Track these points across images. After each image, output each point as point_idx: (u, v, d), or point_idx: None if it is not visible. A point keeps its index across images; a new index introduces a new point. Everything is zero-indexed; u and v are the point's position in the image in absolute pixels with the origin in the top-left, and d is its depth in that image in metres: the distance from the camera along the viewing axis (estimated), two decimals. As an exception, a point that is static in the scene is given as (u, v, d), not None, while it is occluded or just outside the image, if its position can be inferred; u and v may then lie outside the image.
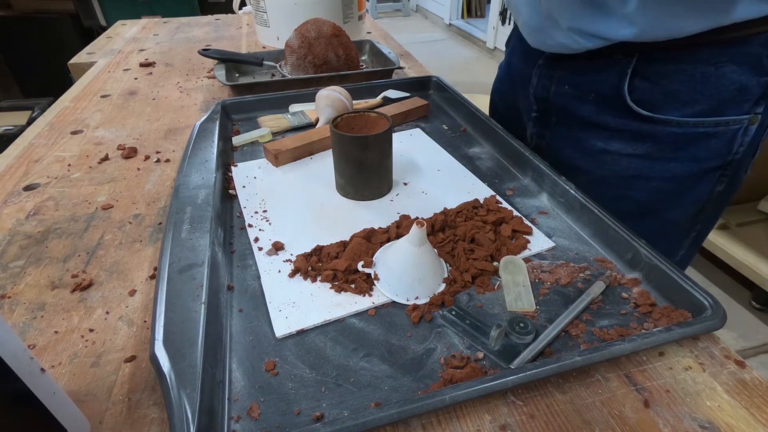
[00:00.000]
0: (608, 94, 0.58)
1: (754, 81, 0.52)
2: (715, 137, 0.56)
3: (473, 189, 0.57)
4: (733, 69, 0.52)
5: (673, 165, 0.58)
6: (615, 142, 0.60)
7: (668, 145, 0.57)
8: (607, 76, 0.58)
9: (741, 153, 0.57)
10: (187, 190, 0.51)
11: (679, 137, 0.56)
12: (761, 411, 0.32)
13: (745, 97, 0.53)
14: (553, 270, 0.44)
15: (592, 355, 0.33)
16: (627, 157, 0.60)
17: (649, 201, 0.60)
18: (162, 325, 0.35)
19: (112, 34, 1.25)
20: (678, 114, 0.55)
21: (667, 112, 0.56)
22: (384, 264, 0.43)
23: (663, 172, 0.59)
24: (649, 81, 0.55)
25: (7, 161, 0.64)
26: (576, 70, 0.61)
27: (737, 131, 0.55)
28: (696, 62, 0.53)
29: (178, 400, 0.30)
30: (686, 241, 0.66)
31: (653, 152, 0.58)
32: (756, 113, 0.54)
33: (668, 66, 0.54)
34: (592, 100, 0.60)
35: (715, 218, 0.66)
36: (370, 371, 0.35)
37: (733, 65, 0.52)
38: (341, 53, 0.89)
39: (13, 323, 0.40)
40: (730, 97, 0.53)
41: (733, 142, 0.56)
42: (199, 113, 0.79)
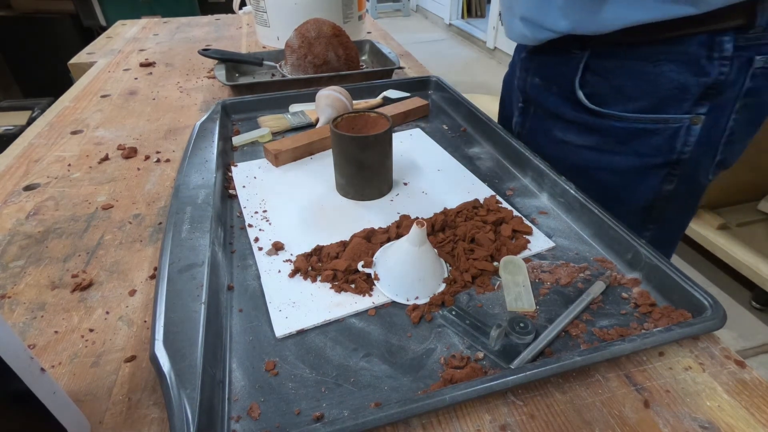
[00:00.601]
0: (566, 87, 0.61)
1: (693, 81, 0.53)
2: (655, 134, 0.57)
3: (473, 189, 0.57)
4: (671, 68, 0.54)
5: (617, 158, 0.61)
6: (571, 133, 0.64)
7: (613, 138, 0.60)
8: (565, 70, 0.61)
9: (688, 153, 0.58)
10: (187, 190, 0.51)
11: (622, 131, 0.59)
12: (761, 411, 0.32)
13: (684, 96, 0.55)
14: (553, 270, 0.44)
15: (592, 355, 0.33)
16: (580, 148, 0.63)
17: (600, 192, 0.62)
18: (162, 325, 0.35)
19: (112, 34, 1.25)
20: (621, 109, 0.58)
21: (612, 106, 0.58)
22: (384, 264, 0.43)
23: (609, 165, 0.62)
24: (599, 76, 0.58)
25: (7, 161, 0.64)
26: (544, 64, 0.65)
27: (678, 130, 0.56)
28: (637, 59, 0.55)
29: (178, 400, 0.30)
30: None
31: (601, 144, 0.61)
32: (698, 114, 0.55)
33: (614, 62, 0.57)
34: (555, 93, 0.64)
35: (676, 222, 0.68)
36: (370, 371, 0.35)
37: (671, 64, 0.54)
38: (341, 53, 0.89)
39: (13, 323, 0.40)
40: (670, 96, 0.55)
41: (675, 141, 0.57)
42: (199, 113, 0.79)
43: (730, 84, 0.54)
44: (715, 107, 0.55)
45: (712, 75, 0.53)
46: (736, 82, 0.54)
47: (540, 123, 0.69)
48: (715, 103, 0.55)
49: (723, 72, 0.53)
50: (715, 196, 1.56)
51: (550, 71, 0.64)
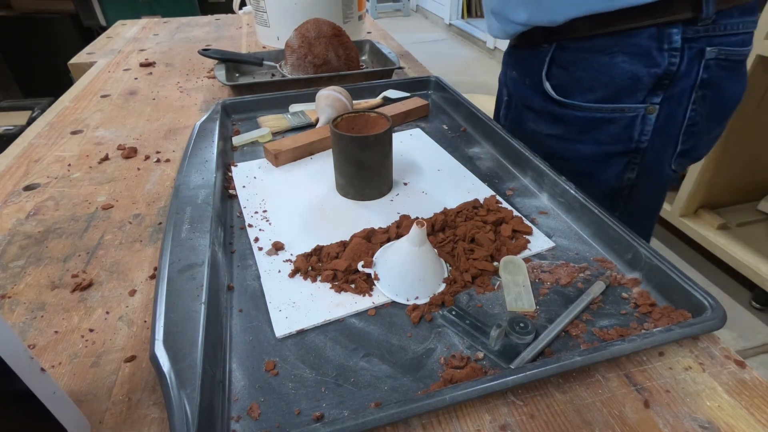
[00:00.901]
0: (536, 80, 0.65)
1: (645, 72, 0.56)
2: (613, 123, 0.61)
3: (473, 189, 0.57)
4: (624, 59, 0.57)
5: (579, 146, 0.65)
6: (540, 123, 0.68)
7: (575, 127, 0.64)
8: (534, 63, 0.65)
9: (646, 142, 0.61)
10: (187, 190, 0.51)
11: (583, 121, 0.62)
12: (761, 411, 0.32)
13: (638, 87, 0.58)
14: (553, 270, 0.44)
15: (592, 355, 0.33)
16: (548, 137, 0.67)
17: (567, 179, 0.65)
18: (162, 325, 0.35)
19: (112, 34, 1.25)
20: (582, 99, 0.61)
21: (574, 97, 0.62)
22: (384, 264, 0.43)
23: (573, 153, 0.66)
24: (563, 68, 0.62)
25: (7, 161, 0.64)
26: (518, 58, 0.70)
27: (634, 119, 0.60)
28: (593, 51, 0.58)
29: (178, 400, 0.30)
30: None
31: (565, 134, 0.65)
32: (653, 103, 0.58)
33: (575, 54, 0.60)
34: (528, 85, 0.68)
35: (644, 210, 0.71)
36: (370, 371, 0.35)
37: (625, 56, 0.57)
38: (341, 53, 0.89)
39: (13, 323, 0.40)
40: (625, 86, 0.58)
41: (632, 130, 0.60)
42: (199, 113, 0.79)
43: (683, 75, 0.57)
44: (670, 97, 0.58)
45: (662, 66, 0.56)
46: (688, 73, 0.57)
47: (518, 115, 0.73)
48: (669, 93, 0.58)
49: (673, 63, 0.55)
50: (715, 196, 1.56)
51: (523, 65, 0.68)
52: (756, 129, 1.41)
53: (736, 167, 1.50)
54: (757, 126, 1.41)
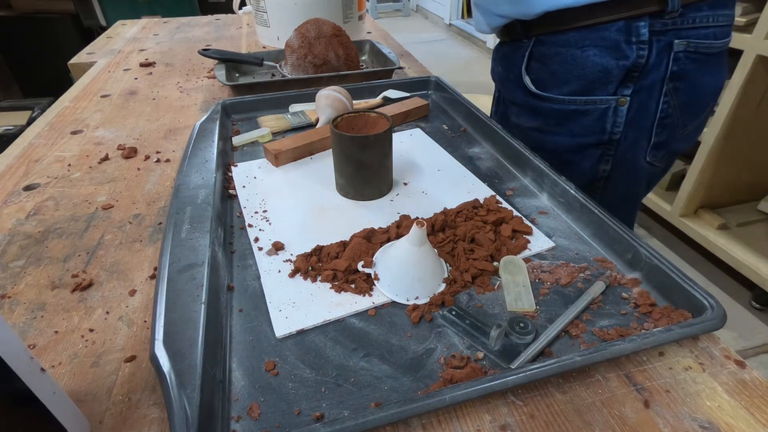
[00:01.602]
0: (517, 74, 0.68)
1: (614, 64, 0.58)
2: (586, 115, 0.63)
3: (473, 189, 0.57)
4: (595, 52, 0.59)
5: (556, 138, 0.67)
6: (522, 116, 0.71)
7: (552, 119, 0.66)
8: (516, 58, 0.67)
9: (619, 134, 0.63)
10: (187, 190, 0.51)
11: (559, 113, 0.65)
12: (761, 411, 0.32)
13: (608, 79, 0.59)
14: (553, 270, 0.44)
15: (592, 355, 0.33)
16: (529, 129, 0.70)
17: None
18: (162, 325, 0.35)
19: (112, 34, 1.25)
20: (557, 92, 0.64)
21: (550, 90, 0.64)
22: (384, 264, 0.43)
23: (550, 144, 0.68)
24: (540, 62, 0.64)
25: (7, 161, 0.64)
26: (504, 54, 0.72)
27: (606, 111, 0.61)
28: (567, 45, 0.60)
29: (178, 400, 0.30)
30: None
31: (543, 126, 0.68)
32: (623, 95, 0.60)
33: (551, 49, 0.62)
34: (511, 80, 0.70)
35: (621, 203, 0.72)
36: (370, 371, 0.35)
37: (595, 49, 0.58)
38: (341, 53, 0.89)
39: (13, 323, 0.40)
40: (596, 78, 0.60)
41: (604, 121, 0.62)
42: (199, 113, 0.79)
43: (653, 67, 0.58)
44: (641, 89, 0.60)
45: (631, 58, 0.57)
46: (658, 66, 0.58)
47: (505, 109, 0.76)
48: (640, 85, 0.60)
49: (641, 55, 0.57)
50: (715, 196, 1.56)
51: (506, 60, 0.71)
52: (756, 129, 1.41)
53: (736, 167, 1.50)
54: (757, 126, 1.41)
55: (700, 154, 1.45)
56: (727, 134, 1.39)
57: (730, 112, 1.34)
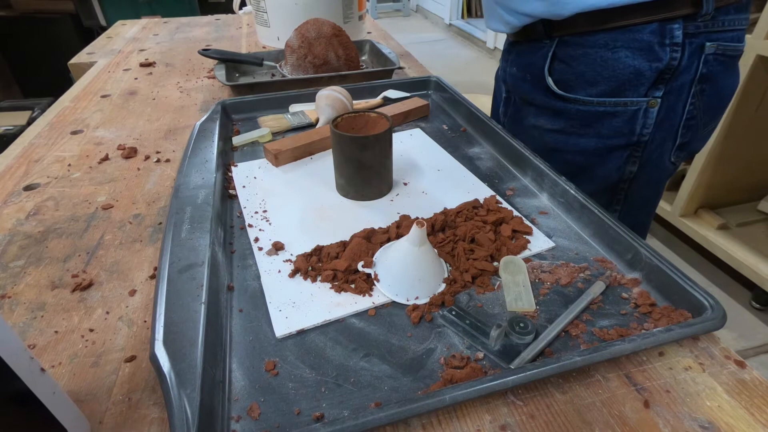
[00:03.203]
0: (538, 75, 0.66)
1: (647, 66, 0.58)
2: (616, 116, 0.62)
3: (473, 189, 0.57)
4: (627, 54, 0.58)
5: (582, 140, 0.66)
6: (541, 118, 0.69)
7: (577, 121, 0.65)
8: (536, 59, 0.66)
9: (648, 135, 0.62)
10: (187, 190, 0.51)
11: (586, 115, 0.63)
12: (761, 411, 0.32)
13: (640, 81, 0.59)
14: (553, 270, 0.44)
15: (592, 355, 0.33)
16: (549, 132, 0.68)
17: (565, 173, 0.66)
18: (162, 325, 0.35)
19: (112, 34, 1.25)
20: (584, 94, 0.62)
21: (576, 91, 0.63)
22: (384, 264, 0.43)
23: (575, 146, 0.67)
24: (565, 63, 0.63)
25: (7, 161, 0.64)
26: (519, 54, 0.70)
27: (637, 112, 0.61)
28: (596, 47, 0.59)
29: (178, 400, 0.30)
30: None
31: (567, 128, 0.66)
32: (655, 97, 0.60)
33: (577, 50, 0.61)
34: (528, 81, 0.69)
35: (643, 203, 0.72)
36: (370, 371, 0.35)
37: (627, 50, 0.58)
38: (341, 53, 0.89)
39: (13, 323, 0.40)
40: (627, 80, 0.59)
41: (634, 123, 0.62)
42: (199, 113, 0.79)
43: (684, 69, 0.58)
44: (671, 91, 0.60)
45: (665, 60, 0.57)
46: (689, 68, 0.58)
47: (518, 111, 0.74)
48: (671, 87, 0.59)
49: (675, 57, 0.57)
50: (715, 196, 1.56)
51: (524, 61, 0.69)
52: (756, 129, 1.41)
53: (736, 167, 1.50)
54: (757, 126, 1.41)
55: (700, 154, 1.45)
56: (727, 134, 1.39)
57: (730, 112, 1.34)
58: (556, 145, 0.68)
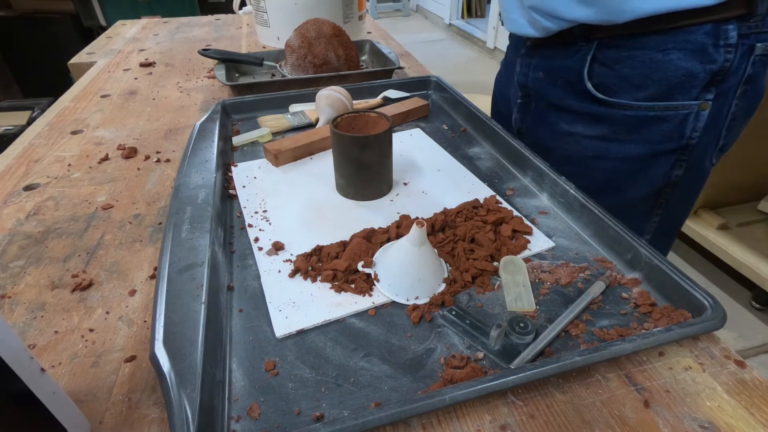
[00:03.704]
0: (573, 79, 0.62)
1: (700, 68, 0.55)
2: (666, 121, 0.59)
3: (473, 189, 0.57)
4: (679, 56, 0.55)
5: (627, 146, 0.62)
6: (578, 124, 0.65)
7: (622, 127, 0.61)
8: (571, 62, 0.62)
9: (696, 138, 0.60)
10: (187, 190, 0.51)
11: (632, 120, 0.60)
12: (761, 411, 0.32)
13: (692, 83, 0.57)
14: (553, 270, 0.44)
15: (592, 355, 0.33)
16: (588, 138, 0.64)
17: (606, 180, 0.64)
18: (162, 325, 0.35)
19: (112, 34, 1.25)
20: (631, 98, 0.59)
21: (621, 96, 0.60)
22: (384, 264, 0.43)
23: (618, 153, 0.63)
24: (606, 66, 0.60)
25: (7, 161, 0.64)
26: (548, 57, 0.66)
27: (687, 116, 0.58)
28: (645, 49, 0.57)
29: (178, 400, 0.30)
30: (647, 224, 0.69)
31: (610, 134, 0.62)
32: (706, 99, 0.57)
33: (622, 52, 0.58)
34: (560, 85, 0.65)
35: (682, 206, 0.70)
36: (370, 371, 0.35)
37: (679, 52, 0.55)
38: (341, 53, 0.89)
39: (13, 323, 0.40)
40: (678, 83, 0.57)
41: (684, 127, 0.59)
42: (199, 113, 0.79)
43: (734, 71, 0.56)
44: (720, 93, 0.58)
45: (719, 62, 0.55)
46: (738, 69, 0.56)
47: (542, 116, 0.69)
48: (721, 89, 0.57)
49: (728, 59, 0.55)
50: (715, 196, 1.56)
51: (554, 64, 0.65)
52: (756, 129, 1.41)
53: (736, 167, 1.50)
54: (758, 126, 1.41)
55: (700, 154, 1.45)
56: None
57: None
58: (597, 153, 0.64)
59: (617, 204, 0.64)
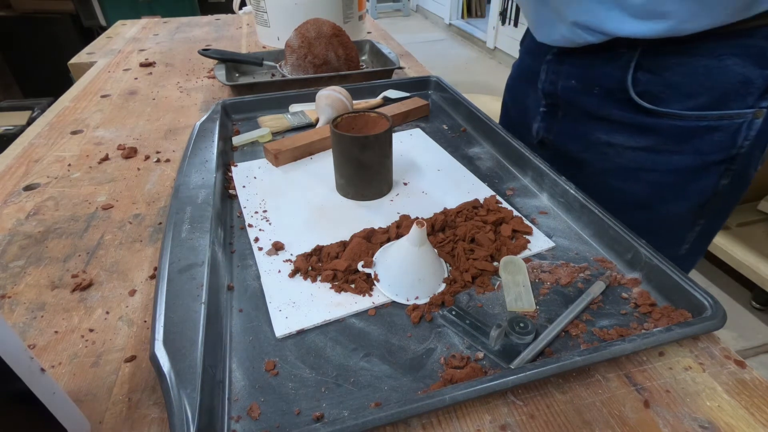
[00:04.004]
0: (613, 87, 0.58)
1: (758, 74, 0.52)
2: (718, 130, 0.55)
3: (473, 189, 0.57)
4: (736, 62, 0.52)
5: (676, 158, 0.58)
6: (618, 134, 0.60)
7: (671, 138, 0.57)
8: (611, 70, 0.58)
9: (746, 147, 0.57)
10: (187, 190, 0.51)
11: (682, 130, 0.56)
12: (761, 411, 0.32)
13: (748, 90, 0.53)
14: (553, 270, 0.44)
15: (592, 355, 0.33)
16: (630, 149, 0.60)
17: (650, 193, 0.60)
18: (162, 325, 0.35)
19: (112, 34, 1.25)
20: (681, 107, 0.55)
21: (669, 104, 0.55)
22: (384, 264, 0.43)
23: (666, 165, 0.59)
24: (652, 74, 0.55)
25: (7, 161, 0.64)
26: (582, 64, 0.61)
27: (741, 125, 0.55)
28: (698, 55, 0.53)
29: (178, 400, 0.30)
30: (689, 234, 0.65)
31: (656, 145, 0.58)
32: (761, 107, 0.54)
33: (670, 59, 0.54)
34: (596, 94, 0.60)
35: (722, 213, 0.66)
36: (370, 371, 0.35)
37: (736, 58, 0.52)
38: (341, 53, 0.89)
39: (13, 323, 0.40)
40: (734, 90, 0.53)
41: (737, 136, 0.56)
42: (199, 113, 0.79)
43: None
44: None
45: None
46: None
47: (573, 126, 0.65)
48: None
49: None
50: (715, 196, 1.56)
51: (591, 72, 0.60)
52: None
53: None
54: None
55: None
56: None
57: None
58: (641, 164, 0.60)
59: (661, 217, 0.61)
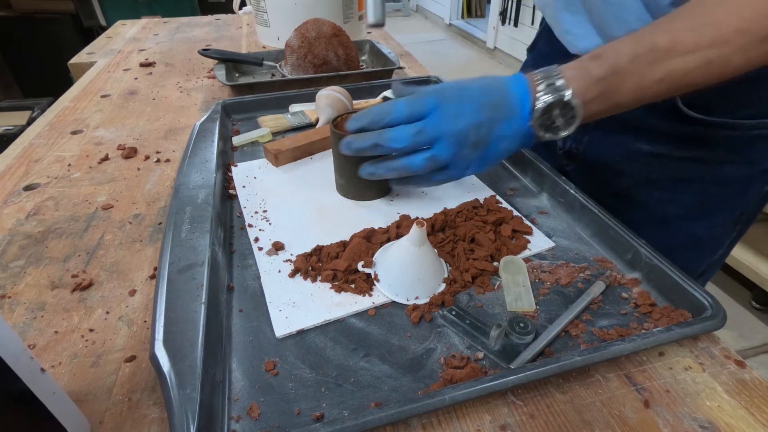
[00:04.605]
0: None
1: None
2: None
3: (473, 189, 0.57)
4: None
5: (727, 168, 0.56)
6: (664, 144, 0.58)
7: (722, 147, 0.55)
8: None
9: None
10: (187, 190, 0.51)
11: (734, 140, 0.54)
12: (761, 411, 0.32)
13: None
14: (553, 270, 0.44)
15: (592, 355, 0.33)
16: (677, 160, 0.57)
17: (697, 203, 0.59)
18: (162, 325, 0.35)
19: (112, 34, 1.25)
20: (731, 116, 0.53)
21: (720, 114, 0.53)
22: (384, 264, 0.43)
23: (716, 175, 0.57)
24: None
25: (7, 161, 0.64)
26: None
27: None
28: None
29: (178, 400, 0.30)
30: (728, 240, 0.64)
31: (706, 155, 0.56)
32: None
33: None
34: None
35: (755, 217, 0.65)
36: (370, 371, 0.35)
37: None
38: (341, 53, 0.89)
39: (13, 323, 0.40)
40: None
41: None
42: (199, 113, 0.79)
43: None
44: None
45: None
46: None
47: (610, 136, 0.61)
48: None
49: None
50: (715, 196, 1.56)
51: None
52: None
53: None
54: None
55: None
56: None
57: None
58: (689, 175, 0.57)
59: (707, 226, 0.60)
